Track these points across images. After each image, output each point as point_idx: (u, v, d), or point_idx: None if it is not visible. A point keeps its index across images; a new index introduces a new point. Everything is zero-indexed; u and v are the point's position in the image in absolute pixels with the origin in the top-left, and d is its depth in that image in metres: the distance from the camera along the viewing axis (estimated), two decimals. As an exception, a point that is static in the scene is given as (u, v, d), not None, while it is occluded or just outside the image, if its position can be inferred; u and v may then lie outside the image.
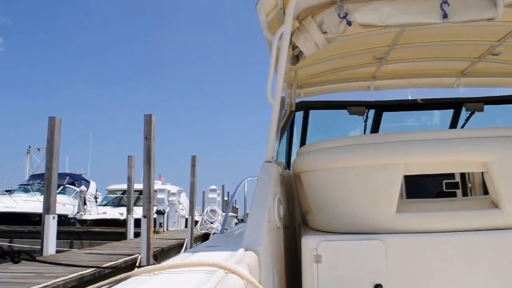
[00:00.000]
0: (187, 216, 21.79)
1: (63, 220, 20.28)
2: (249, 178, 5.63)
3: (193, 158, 16.54)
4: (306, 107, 5.24)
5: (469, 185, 4.57)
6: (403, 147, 2.62)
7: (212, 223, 22.11)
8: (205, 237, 18.53)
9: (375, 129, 5.48)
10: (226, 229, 8.33)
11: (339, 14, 2.81)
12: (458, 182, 4.59)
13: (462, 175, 4.61)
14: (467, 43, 4.47)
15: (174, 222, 25.70)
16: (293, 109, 4.97)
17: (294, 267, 2.71)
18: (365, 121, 5.57)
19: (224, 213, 23.05)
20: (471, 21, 2.82)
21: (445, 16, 2.74)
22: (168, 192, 26.52)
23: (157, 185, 24.06)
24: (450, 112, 5.57)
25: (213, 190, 26.61)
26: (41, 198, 13.05)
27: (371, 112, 5.49)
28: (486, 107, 5.45)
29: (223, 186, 36.57)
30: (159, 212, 22.88)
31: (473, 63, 4.95)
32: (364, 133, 5.61)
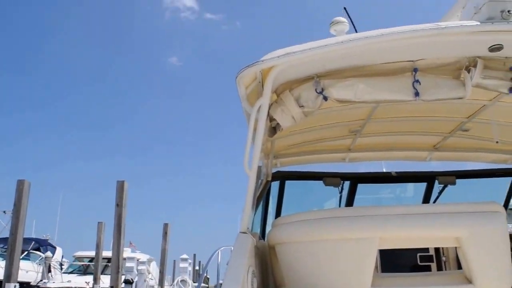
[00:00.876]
0: (156, 287, 21.04)
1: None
2: (223, 248, 5.52)
3: (165, 226, 16.22)
4: (282, 177, 5.24)
5: (443, 258, 4.57)
6: (378, 221, 2.63)
7: (182, 294, 21.37)
8: (174, 309, 17.85)
9: (350, 200, 5.49)
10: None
11: (316, 90, 2.89)
12: (432, 256, 4.58)
13: (437, 248, 4.61)
14: (439, 119, 4.62)
15: (143, 293, 24.71)
16: (270, 179, 4.97)
17: None
18: (340, 192, 5.59)
19: (196, 284, 22.38)
20: (442, 100, 2.93)
21: (416, 94, 2.86)
22: (138, 260, 25.68)
23: (127, 252, 23.32)
24: (424, 185, 5.64)
25: (184, 260, 25.89)
26: (3, 264, 12.48)
27: (347, 184, 5.51)
28: (458, 180, 5.54)
29: (194, 255, 35.76)
30: (127, 282, 21.99)
31: (444, 138, 5.09)
32: (340, 204, 5.61)
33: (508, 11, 2.64)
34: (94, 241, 18.30)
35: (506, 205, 5.89)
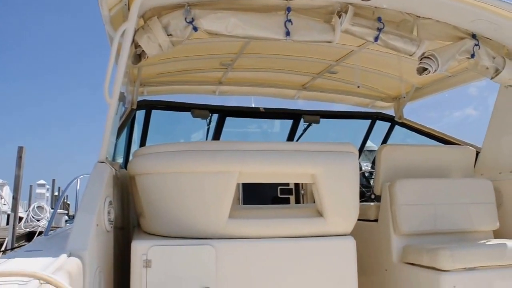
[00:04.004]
0: (9, 212, 19.87)
1: None
2: (82, 176, 5.26)
3: (20, 150, 15.11)
4: (148, 106, 5.05)
5: (302, 192, 4.83)
6: (238, 156, 2.66)
7: (38, 220, 20.47)
8: (30, 236, 17.05)
9: (217, 133, 5.50)
10: (54, 227, 7.72)
11: (185, 19, 2.76)
12: (292, 189, 4.82)
13: (296, 182, 4.84)
14: (309, 59, 4.71)
15: (-7, 219, 23.24)
16: (134, 107, 4.77)
17: (127, 272, 2.59)
18: (208, 124, 5.57)
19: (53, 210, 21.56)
20: (311, 42, 2.98)
21: (287, 34, 2.87)
22: (-12, 184, 23.92)
23: (-23, 177, 21.61)
24: (290, 122, 5.81)
25: (42, 185, 24.73)
26: None
27: (215, 117, 5.49)
28: (322, 120, 5.80)
29: (53, 180, 34.13)
30: (-23, 206, 20.55)
31: (313, 79, 5.23)
32: (207, 136, 5.61)
33: None
34: None
35: (363, 146, 6.34)
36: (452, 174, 3.94)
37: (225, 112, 5.43)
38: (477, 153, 4.19)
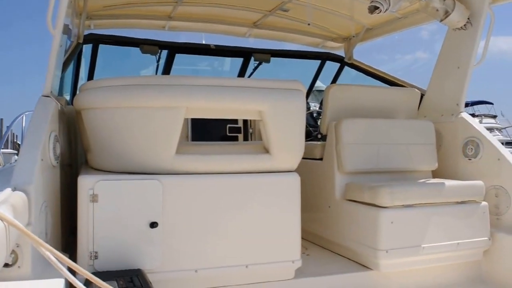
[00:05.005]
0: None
1: None
2: (28, 112, 5.11)
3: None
4: (95, 40, 4.87)
5: (250, 130, 4.88)
6: (185, 91, 2.64)
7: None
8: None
9: (167, 70, 5.41)
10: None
11: None
12: (240, 127, 4.85)
13: (245, 120, 4.88)
14: None
15: None
16: (81, 41, 4.59)
17: (74, 207, 2.59)
18: (158, 61, 5.45)
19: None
20: None
21: None
22: None
23: None
24: (240, 60, 5.77)
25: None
26: None
27: (165, 53, 5.37)
28: (273, 60, 5.78)
29: (1, 120, 32.79)
30: None
31: (265, 16, 5.17)
32: (156, 73, 5.50)
33: None
34: None
35: (312, 86, 6.40)
36: (397, 115, 4.06)
37: (174, 49, 5.32)
38: (422, 96, 4.32)
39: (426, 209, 3.23)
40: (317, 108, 6.72)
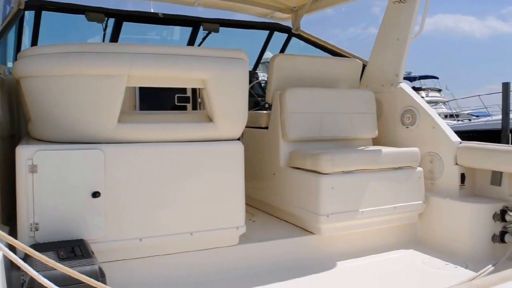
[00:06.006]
0: None
1: None
2: None
3: None
4: (37, 6, 4.70)
5: (199, 100, 4.90)
6: (127, 59, 2.61)
7: None
8: None
9: (114, 39, 5.29)
10: None
11: None
12: (189, 97, 4.86)
13: (194, 90, 4.89)
14: None
15: None
16: (22, 7, 4.42)
17: (14, 178, 2.54)
18: (105, 29, 5.33)
19: None
20: None
21: None
22: None
23: None
24: (190, 30, 5.72)
25: None
26: None
27: (112, 21, 5.26)
28: (222, 30, 5.76)
29: None
30: None
31: None
32: (103, 42, 5.38)
33: None
34: None
35: (261, 56, 6.44)
36: (340, 85, 4.18)
37: (122, 17, 5.20)
38: (365, 67, 4.45)
39: (365, 175, 3.38)
40: (266, 78, 6.76)
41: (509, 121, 14.18)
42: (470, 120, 23.26)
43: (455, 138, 3.64)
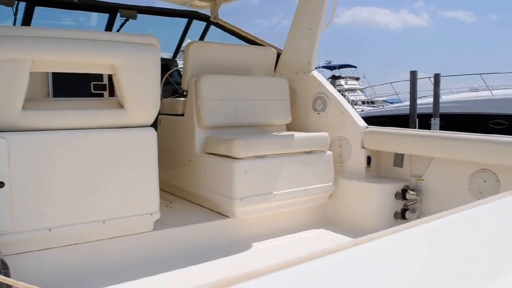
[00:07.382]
0: None
1: None
2: None
3: None
4: None
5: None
6: (31, 43, 2.52)
7: None
8: None
9: (26, 24, 5.09)
10: None
11: None
12: (106, 85, 4.78)
13: (110, 77, 4.81)
14: None
15: None
16: None
17: None
18: (15, 14, 5.11)
19: None
20: None
21: None
22: None
23: None
24: (107, 16, 5.61)
25: None
26: None
27: (23, 5, 5.05)
28: (141, 18, 5.69)
29: None
30: None
31: None
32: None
33: None
34: None
35: (180, 44, 6.43)
36: (255, 72, 4.27)
37: (33, 1, 5.01)
38: (280, 55, 4.58)
39: (277, 159, 3.50)
40: (184, 66, 6.75)
41: (416, 106, 15.29)
42: (383, 106, 24.50)
43: (362, 123, 3.85)
